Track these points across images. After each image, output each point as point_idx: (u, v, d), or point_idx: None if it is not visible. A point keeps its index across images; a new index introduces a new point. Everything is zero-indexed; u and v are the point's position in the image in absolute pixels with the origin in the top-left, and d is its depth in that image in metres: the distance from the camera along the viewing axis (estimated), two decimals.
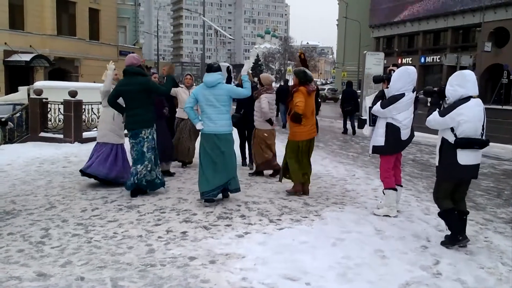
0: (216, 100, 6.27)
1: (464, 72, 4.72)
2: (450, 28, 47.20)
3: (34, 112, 12.23)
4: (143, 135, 6.54)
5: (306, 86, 6.60)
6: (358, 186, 7.60)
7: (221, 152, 6.29)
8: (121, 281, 3.84)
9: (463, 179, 4.79)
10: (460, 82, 4.61)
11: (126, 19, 38.67)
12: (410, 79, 5.59)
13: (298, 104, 6.44)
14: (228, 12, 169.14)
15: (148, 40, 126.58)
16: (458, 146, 4.56)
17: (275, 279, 3.94)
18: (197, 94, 6.35)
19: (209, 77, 6.31)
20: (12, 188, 7.03)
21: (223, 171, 6.30)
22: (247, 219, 5.62)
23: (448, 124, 4.60)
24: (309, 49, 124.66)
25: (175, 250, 4.56)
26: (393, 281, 3.96)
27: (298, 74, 6.68)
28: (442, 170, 4.76)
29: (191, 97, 6.43)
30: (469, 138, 4.56)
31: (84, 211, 5.85)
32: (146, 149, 6.56)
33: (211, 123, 6.28)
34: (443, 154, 4.71)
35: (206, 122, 6.31)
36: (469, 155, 4.60)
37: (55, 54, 28.99)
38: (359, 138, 14.56)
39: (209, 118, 6.29)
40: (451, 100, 4.65)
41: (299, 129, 6.66)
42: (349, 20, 58.53)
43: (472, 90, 4.60)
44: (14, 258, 4.31)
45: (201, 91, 6.35)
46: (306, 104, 6.52)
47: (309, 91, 6.59)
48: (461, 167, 4.60)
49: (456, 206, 4.80)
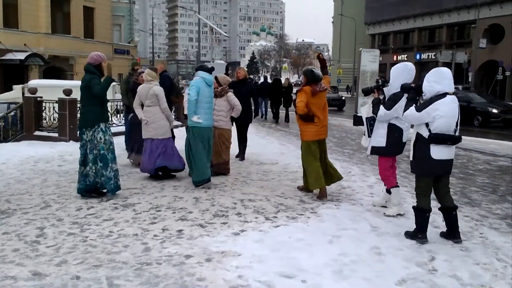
0: (210, 97, 7.16)
1: (442, 69, 4.81)
2: (445, 25, 47.22)
3: (29, 110, 12.18)
4: (84, 136, 6.39)
5: (313, 85, 6.39)
6: (354, 183, 7.61)
7: (208, 143, 7.18)
8: (117, 280, 3.82)
9: (437, 174, 4.85)
10: (437, 79, 4.68)
11: (121, 17, 38.52)
12: (410, 76, 5.58)
13: (298, 104, 6.35)
14: (224, 10, 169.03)
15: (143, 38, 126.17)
16: (431, 141, 4.65)
17: (271, 276, 3.94)
18: (199, 88, 6.89)
19: (211, 76, 7.15)
20: (7, 187, 6.99)
21: (209, 159, 7.21)
22: (243, 217, 5.61)
23: (424, 119, 4.67)
24: (304, 46, 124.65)
25: (171, 248, 4.55)
26: (389, 278, 3.96)
27: (306, 73, 6.54)
28: (416, 165, 4.85)
29: (195, 90, 6.85)
30: (443, 134, 4.63)
31: (79, 210, 5.83)
32: (88, 151, 6.36)
33: (208, 117, 7.06)
34: (417, 149, 4.80)
35: (204, 116, 6.96)
36: (442, 150, 4.69)
37: (50, 52, 28.85)
38: (354, 135, 14.57)
39: (205, 112, 7.01)
40: (428, 96, 4.72)
41: (306, 128, 6.52)
42: (344, 17, 58.62)
43: (448, 87, 4.67)
44: (9, 257, 4.29)
45: (202, 87, 6.93)
46: (313, 104, 6.38)
47: (315, 91, 6.37)
48: (434, 161, 4.69)
49: (442, 203, 4.93)
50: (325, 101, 6.68)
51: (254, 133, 12.88)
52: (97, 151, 6.34)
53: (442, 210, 4.95)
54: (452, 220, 4.87)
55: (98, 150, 6.35)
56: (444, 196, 4.93)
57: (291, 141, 12.62)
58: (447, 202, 4.91)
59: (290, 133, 14.31)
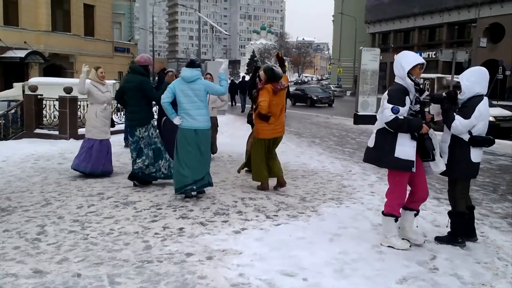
0: (195, 95, 6.22)
1: (483, 70, 4.68)
2: (445, 24, 47.25)
3: (29, 108, 12.18)
4: (138, 133, 6.82)
5: (274, 84, 6.41)
6: (354, 182, 7.61)
7: (199, 148, 6.26)
8: (118, 278, 3.82)
9: (474, 176, 4.77)
10: (478, 79, 4.57)
11: (121, 15, 38.46)
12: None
13: (261, 104, 6.32)
14: (224, 8, 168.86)
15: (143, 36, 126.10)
16: (473, 144, 4.52)
17: (272, 275, 3.93)
18: (174, 88, 6.27)
19: (188, 72, 6.26)
20: (7, 185, 6.99)
21: (200, 166, 6.30)
22: (243, 215, 5.61)
23: (473, 124, 4.50)
24: (304, 45, 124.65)
25: (172, 246, 4.55)
26: (390, 276, 3.96)
27: (266, 71, 6.47)
28: (458, 169, 4.63)
29: (168, 91, 6.29)
30: (483, 136, 4.55)
31: (80, 208, 5.83)
32: (143, 146, 6.86)
33: (190, 119, 6.23)
34: (456, 152, 4.62)
35: (185, 117, 6.24)
36: (480, 152, 4.61)
37: (50, 50, 28.81)
38: (355, 134, 14.57)
39: (187, 113, 6.23)
40: (466, 95, 4.59)
41: (262, 126, 6.58)
42: (344, 16, 58.57)
43: (485, 89, 4.62)
44: (10, 255, 4.29)
45: (178, 85, 6.28)
46: (273, 103, 6.41)
47: (276, 90, 6.41)
48: (474, 164, 4.59)
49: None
50: (284, 100, 6.74)
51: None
52: (154, 145, 6.93)
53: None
54: (472, 219, 4.85)
55: (155, 144, 6.94)
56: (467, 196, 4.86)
57: (291, 139, 12.63)
58: (468, 202, 4.85)
59: (290, 131, 14.31)
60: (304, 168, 8.71)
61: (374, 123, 4.76)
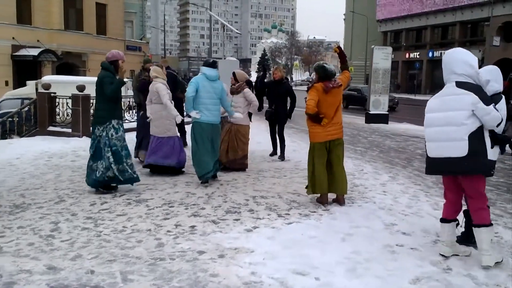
0: (214, 92, 7.00)
1: (496, 68, 4.58)
2: (458, 22, 46.88)
3: (43, 106, 12.29)
4: (96, 131, 6.42)
5: (325, 82, 5.87)
6: (366, 181, 7.57)
7: (212, 140, 7.07)
8: (131, 275, 3.84)
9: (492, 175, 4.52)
10: (494, 77, 4.47)
11: (133, 13, 38.73)
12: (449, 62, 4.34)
13: (308, 103, 5.83)
14: (235, 7, 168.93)
15: (155, 35, 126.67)
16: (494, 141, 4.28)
17: (284, 273, 3.93)
18: (198, 84, 6.87)
19: (213, 72, 7.05)
20: (21, 182, 7.07)
21: (214, 156, 7.13)
22: (255, 214, 5.62)
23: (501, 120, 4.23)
24: (316, 43, 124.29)
25: (184, 244, 4.57)
26: (403, 276, 3.94)
27: (317, 69, 6.01)
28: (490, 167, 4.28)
29: (193, 86, 6.84)
30: (504, 135, 4.37)
31: (93, 205, 5.87)
32: (102, 146, 6.39)
33: (209, 113, 6.97)
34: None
35: (204, 112, 6.92)
36: (497, 151, 4.39)
37: (63, 48, 29.05)
38: (367, 133, 14.50)
39: (207, 108, 6.94)
40: None
41: (314, 129, 6.01)
42: (356, 15, 58.27)
43: (501, 87, 4.52)
44: (24, 251, 4.34)
45: (202, 82, 6.91)
46: (324, 102, 5.86)
47: (328, 88, 5.82)
48: (493, 162, 4.33)
49: None
50: (340, 99, 6.09)
51: (265, 129, 12.86)
52: (109, 147, 6.36)
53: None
54: None
55: (110, 146, 6.37)
56: None
57: (302, 138, 12.59)
58: None
59: (302, 130, 14.27)
60: None
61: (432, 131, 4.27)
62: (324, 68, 5.93)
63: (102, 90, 6.33)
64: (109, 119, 6.38)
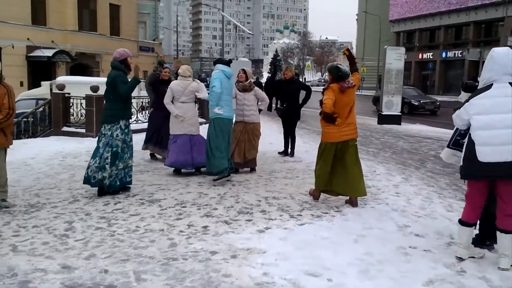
0: (230, 89, 7.44)
1: None
2: (472, 22, 46.40)
3: (57, 107, 12.42)
4: (102, 129, 6.42)
5: (340, 83, 5.88)
6: (379, 182, 7.54)
7: (228, 135, 7.32)
8: (144, 274, 3.87)
9: None
10: None
11: (146, 14, 38.94)
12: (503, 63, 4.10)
13: (325, 102, 5.76)
14: (247, 8, 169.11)
15: (167, 36, 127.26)
16: None
17: (296, 274, 3.93)
18: (222, 81, 7.09)
19: (229, 69, 7.34)
20: (36, 182, 7.15)
21: (228, 152, 7.38)
22: (267, 214, 5.62)
23: None
24: (328, 44, 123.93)
25: (197, 244, 4.59)
26: (416, 278, 3.91)
27: (331, 70, 6.01)
28: None
29: (219, 82, 7.02)
30: None
31: (106, 205, 5.92)
32: (101, 145, 6.34)
33: (229, 109, 7.26)
34: None
35: (225, 108, 7.14)
36: None
37: (77, 49, 29.31)
38: (379, 134, 14.43)
39: (227, 104, 7.22)
40: None
41: (328, 129, 5.98)
42: (369, 15, 57.99)
43: None
44: (39, 250, 4.39)
45: (223, 78, 7.15)
46: (340, 102, 5.84)
47: (343, 88, 5.84)
48: None
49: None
50: (353, 99, 6.06)
51: (277, 130, 12.86)
52: (110, 147, 6.30)
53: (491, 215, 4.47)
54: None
55: (112, 146, 6.31)
56: None
57: (314, 139, 12.57)
58: None
59: (314, 131, 14.24)
60: None
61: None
62: (338, 69, 5.93)
63: (113, 90, 6.33)
64: (118, 119, 6.39)
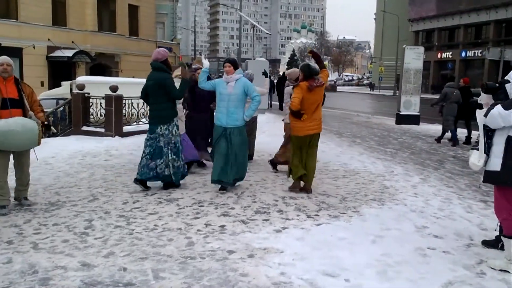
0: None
1: None
2: (492, 21, 45.68)
3: (77, 106, 12.56)
4: (159, 130, 6.58)
5: (310, 81, 6.34)
6: (397, 183, 7.48)
7: None
8: (162, 273, 3.91)
9: None
10: None
11: (164, 15, 39.17)
12: None
13: (292, 100, 6.33)
14: (264, 7, 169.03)
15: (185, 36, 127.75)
16: None
17: (313, 274, 3.93)
18: None
19: None
20: (56, 180, 7.25)
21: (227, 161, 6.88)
22: (284, 214, 5.62)
23: None
24: (345, 43, 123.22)
25: (214, 243, 4.61)
26: (435, 280, 3.88)
27: (303, 69, 6.49)
28: None
29: None
30: None
31: (125, 204, 5.98)
32: (163, 144, 6.58)
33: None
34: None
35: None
36: None
37: (96, 50, 29.64)
38: (397, 134, 14.31)
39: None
40: None
41: (295, 124, 6.52)
42: (387, 14, 57.51)
43: None
44: (59, 248, 4.46)
45: None
46: (307, 100, 6.33)
47: (311, 87, 6.30)
48: None
49: None
50: (321, 97, 6.61)
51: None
52: (173, 144, 6.63)
53: None
54: None
55: (174, 143, 6.64)
56: None
57: (331, 139, 12.54)
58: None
59: (331, 131, 14.20)
60: (345, 168, 8.63)
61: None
62: (309, 67, 6.44)
63: (164, 91, 6.52)
64: (172, 117, 6.69)
